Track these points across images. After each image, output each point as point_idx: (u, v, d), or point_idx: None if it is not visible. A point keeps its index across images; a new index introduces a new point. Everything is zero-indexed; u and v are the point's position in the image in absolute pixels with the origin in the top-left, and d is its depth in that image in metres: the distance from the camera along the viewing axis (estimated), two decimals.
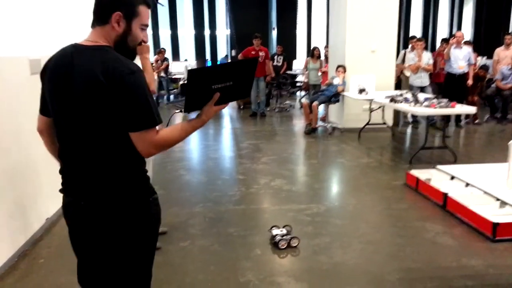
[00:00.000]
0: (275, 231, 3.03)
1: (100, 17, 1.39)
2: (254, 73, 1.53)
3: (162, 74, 10.66)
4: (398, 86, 7.83)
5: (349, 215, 3.63)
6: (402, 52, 8.24)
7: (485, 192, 3.50)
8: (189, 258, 2.89)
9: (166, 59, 11.02)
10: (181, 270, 2.73)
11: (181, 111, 1.48)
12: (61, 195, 1.49)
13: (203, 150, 6.04)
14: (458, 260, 2.79)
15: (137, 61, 2.67)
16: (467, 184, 3.77)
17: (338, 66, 7.07)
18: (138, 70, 1.33)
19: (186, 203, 3.89)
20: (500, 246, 2.94)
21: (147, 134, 1.33)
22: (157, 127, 1.37)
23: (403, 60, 7.89)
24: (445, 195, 3.59)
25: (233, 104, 10.77)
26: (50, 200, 3.35)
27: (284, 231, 3.03)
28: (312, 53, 8.87)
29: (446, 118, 7.15)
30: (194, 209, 3.74)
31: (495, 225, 3.00)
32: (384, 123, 6.81)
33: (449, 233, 3.18)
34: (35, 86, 1.60)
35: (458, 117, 7.24)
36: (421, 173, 4.20)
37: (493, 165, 4.25)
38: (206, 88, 1.38)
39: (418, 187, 4.07)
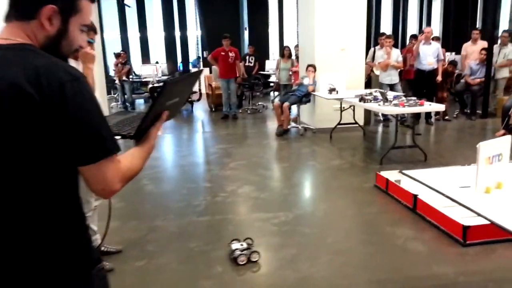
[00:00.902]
0: (234, 245, 2.84)
1: (23, 9, 0.98)
2: (194, 86, 1.35)
3: (124, 78, 10.21)
4: (368, 84, 7.77)
5: (318, 223, 3.47)
6: (371, 50, 8.18)
7: (452, 200, 3.40)
8: (145, 279, 2.67)
9: (127, 63, 10.54)
10: None
11: (124, 137, 1.13)
12: None
13: (170, 157, 5.81)
14: (429, 268, 2.66)
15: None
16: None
17: (308, 66, 6.93)
18: (82, 76, 0.96)
19: (146, 217, 3.66)
20: (471, 251, 2.84)
21: (110, 163, 0.96)
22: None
23: (373, 58, 7.83)
24: (414, 197, 3.47)
25: (204, 107, 10.58)
26: None
27: (245, 245, 2.84)
28: (282, 52, 8.73)
29: (416, 116, 7.16)
30: (154, 223, 3.51)
31: (466, 228, 2.89)
32: (356, 123, 6.72)
33: (420, 238, 3.06)
34: None
35: (428, 113, 7.21)
36: (390, 174, 4.09)
37: (460, 168, 4.18)
38: (163, 106, 1.12)
39: (388, 189, 3.96)
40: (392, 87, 6.97)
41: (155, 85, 10.25)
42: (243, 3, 14.50)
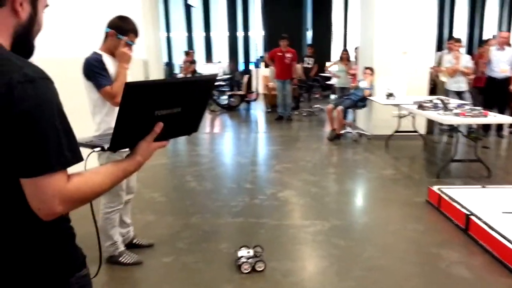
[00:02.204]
0: (241, 252, 2.75)
1: None
2: (209, 97, 1.13)
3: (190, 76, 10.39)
4: (433, 91, 7.26)
5: (356, 235, 3.26)
6: (437, 54, 7.64)
7: (487, 224, 3.03)
8: (169, 276, 2.67)
9: (194, 61, 10.77)
10: None
11: (102, 149, 1.03)
12: None
13: (217, 155, 5.83)
14: None
15: (105, 59, 2.48)
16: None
17: (365, 68, 6.64)
18: (43, 78, 0.84)
19: (182, 213, 3.68)
20: None
21: (51, 181, 0.84)
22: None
23: (439, 63, 7.31)
24: (467, 217, 3.14)
25: (261, 107, 10.57)
26: None
27: (251, 253, 2.73)
28: (340, 55, 8.47)
29: (484, 127, 6.56)
30: (189, 220, 3.52)
31: None
32: (415, 131, 6.30)
33: (467, 263, 2.76)
34: None
35: (500, 125, 6.58)
36: (445, 189, 3.75)
37: None
38: (147, 115, 0.97)
39: (440, 205, 3.63)
40: (459, 94, 6.45)
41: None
42: (307, 3, 14.31)
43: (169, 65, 14.51)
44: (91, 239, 1.27)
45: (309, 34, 14.27)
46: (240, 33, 14.18)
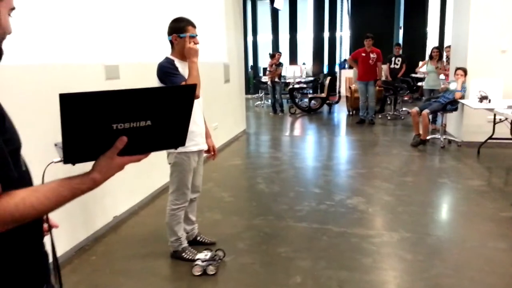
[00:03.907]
0: (200, 255, 2.81)
1: None
2: (191, 108, 0.99)
3: (276, 79, 9.95)
4: None
5: (426, 250, 3.02)
6: None
7: None
8: (224, 275, 2.75)
9: (280, 64, 10.35)
10: (208, 287, 2.61)
11: (61, 161, 0.94)
12: (132, 194, 1.06)
13: (290, 158, 5.82)
14: None
15: (178, 64, 2.64)
16: None
17: (457, 69, 6.10)
18: None
19: (247, 214, 3.76)
20: None
21: None
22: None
23: None
24: None
25: (342, 109, 10.30)
26: (119, 198, 3.58)
27: (208, 256, 2.77)
28: (430, 54, 7.90)
29: None
30: (253, 222, 3.58)
31: None
32: None
33: None
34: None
35: None
36: None
37: None
38: (99, 128, 0.87)
39: None
40: None
41: (295, 86, 10.40)
42: (400, 1, 13.59)
43: (254, 68, 14.83)
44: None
45: (401, 33, 13.55)
46: (326, 34, 13.98)
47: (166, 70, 2.59)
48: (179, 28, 2.62)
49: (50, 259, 1.05)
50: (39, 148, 2.04)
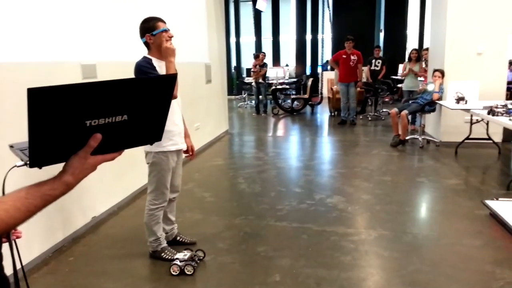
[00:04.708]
0: (178, 255, 2.80)
1: None
2: (170, 101, 0.93)
3: (260, 80, 9.98)
4: None
5: (403, 247, 3.07)
6: None
7: None
8: (203, 275, 2.74)
9: (265, 65, 10.39)
10: (187, 287, 2.60)
11: (26, 164, 0.83)
12: (111, 194, 0.98)
13: (272, 158, 5.84)
14: None
15: (155, 63, 2.63)
16: None
17: (435, 71, 6.23)
18: None
19: (228, 214, 3.76)
20: None
21: None
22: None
23: None
24: None
25: (325, 110, 10.40)
26: (98, 199, 3.53)
27: (187, 256, 2.77)
28: (409, 56, 8.05)
29: None
30: (234, 221, 3.58)
31: None
32: (490, 139, 5.78)
33: None
34: None
35: None
36: (497, 203, 3.40)
37: None
38: (71, 125, 0.79)
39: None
40: None
41: (278, 87, 10.44)
42: (380, 3, 13.80)
43: (237, 69, 14.85)
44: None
45: (381, 35, 13.76)
46: (308, 36, 14.09)
47: (143, 69, 2.58)
48: (150, 27, 2.61)
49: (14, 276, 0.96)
50: None
